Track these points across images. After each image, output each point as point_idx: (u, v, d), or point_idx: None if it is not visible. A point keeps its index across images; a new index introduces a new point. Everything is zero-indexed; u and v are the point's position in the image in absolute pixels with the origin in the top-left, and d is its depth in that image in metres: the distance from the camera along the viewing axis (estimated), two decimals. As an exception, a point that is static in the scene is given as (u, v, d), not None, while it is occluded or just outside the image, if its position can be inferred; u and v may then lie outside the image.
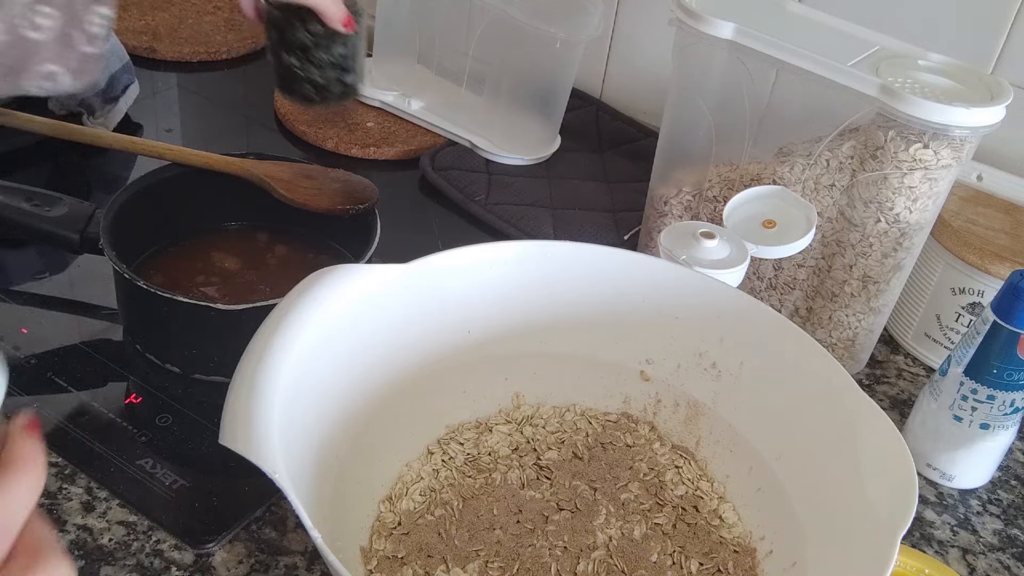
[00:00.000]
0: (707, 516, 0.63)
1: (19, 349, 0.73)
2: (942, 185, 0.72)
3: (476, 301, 0.66)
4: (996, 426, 0.70)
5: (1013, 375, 0.67)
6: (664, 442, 0.68)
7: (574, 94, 1.06)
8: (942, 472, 0.74)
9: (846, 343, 0.80)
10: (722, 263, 0.69)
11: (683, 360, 0.67)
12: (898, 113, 0.68)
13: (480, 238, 0.85)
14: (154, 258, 0.79)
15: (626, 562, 0.59)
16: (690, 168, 0.84)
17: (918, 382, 0.83)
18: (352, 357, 0.60)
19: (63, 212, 0.76)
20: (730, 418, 0.65)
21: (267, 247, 0.82)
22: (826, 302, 0.79)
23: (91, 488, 0.64)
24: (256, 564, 0.61)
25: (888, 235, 0.74)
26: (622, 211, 0.96)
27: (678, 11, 0.76)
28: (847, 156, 0.73)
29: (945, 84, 0.71)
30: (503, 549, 0.59)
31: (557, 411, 0.69)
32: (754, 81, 0.76)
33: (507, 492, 0.63)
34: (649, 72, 1.10)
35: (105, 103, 0.98)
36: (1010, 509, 0.73)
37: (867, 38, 0.75)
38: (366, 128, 1.04)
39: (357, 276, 0.59)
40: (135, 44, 1.12)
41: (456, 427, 0.67)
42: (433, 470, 0.64)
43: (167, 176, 0.80)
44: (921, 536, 0.70)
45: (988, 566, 0.68)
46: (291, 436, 0.51)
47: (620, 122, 1.11)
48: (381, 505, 0.61)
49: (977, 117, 0.67)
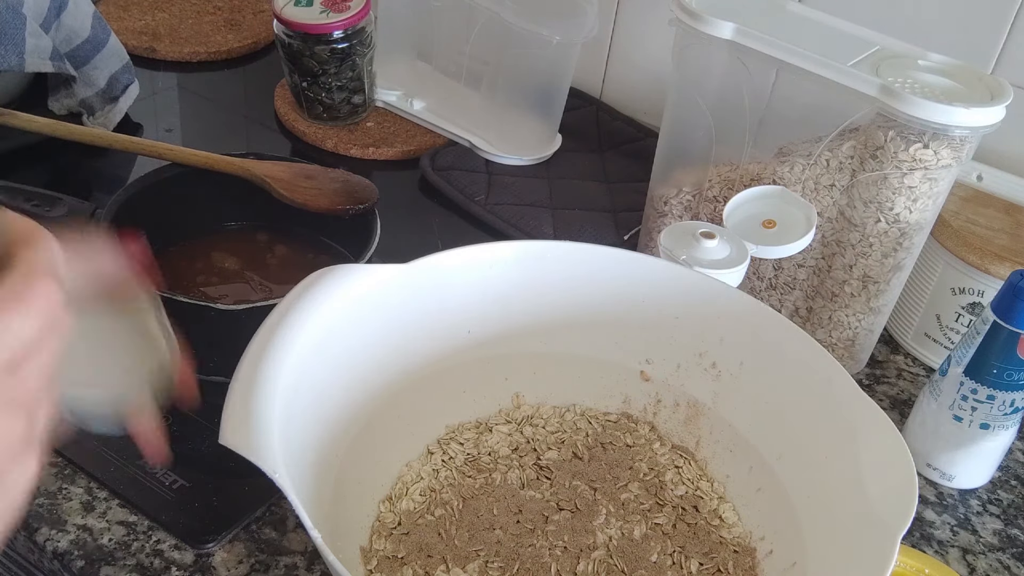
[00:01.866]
0: (707, 516, 0.63)
1: (19, 349, 0.73)
2: (942, 185, 0.72)
3: (476, 301, 0.66)
4: (996, 426, 0.70)
5: (1013, 375, 0.67)
6: (664, 442, 0.68)
7: (574, 94, 1.06)
8: (942, 472, 0.74)
9: (846, 343, 0.80)
10: (722, 263, 0.69)
11: (683, 360, 0.67)
12: (898, 113, 0.68)
13: (480, 238, 0.85)
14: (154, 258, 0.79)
15: (626, 562, 0.59)
16: (690, 168, 0.84)
17: (918, 382, 0.83)
18: (352, 357, 0.60)
19: (63, 212, 0.76)
20: (730, 418, 0.65)
21: (267, 247, 0.82)
22: (826, 302, 0.79)
23: (91, 488, 0.64)
24: (256, 564, 0.61)
25: (888, 235, 0.74)
26: (622, 211, 0.96)
27: (678, 11, 0.76)
28: (847, 156, 0.73)
29: (945, 84, 0.71)
30: (503, 549, 0.59)
31: (557, 411, 0.69)
32: (754, 81, 0.76)
33: (507, 492, 0.63)
34: (649, 72, 1.10)
35: (105, 103, 0.98)
36: (1010, 509, 0.73)
37: (867, 38, 0.75)
38: (366, 128, 1.04)
39: (357, 276, 0.59)
40: (135, 44, 1.12)
41: (456, 427, 0.67)
42: (433, 470, 0.64)
43: (167, 176, 0.80)
44: (921, 536, 0.70)
45: (988, 566, 0.68)
46: (291, 436, 0.51)
47: (620, 122, 1.11)
48: (381, 505, 0.61)
49: (977, 117, 0.67)
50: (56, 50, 0.93)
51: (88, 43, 0.97)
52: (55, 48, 0.93)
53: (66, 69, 0.94)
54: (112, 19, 1.14)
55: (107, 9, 1.18)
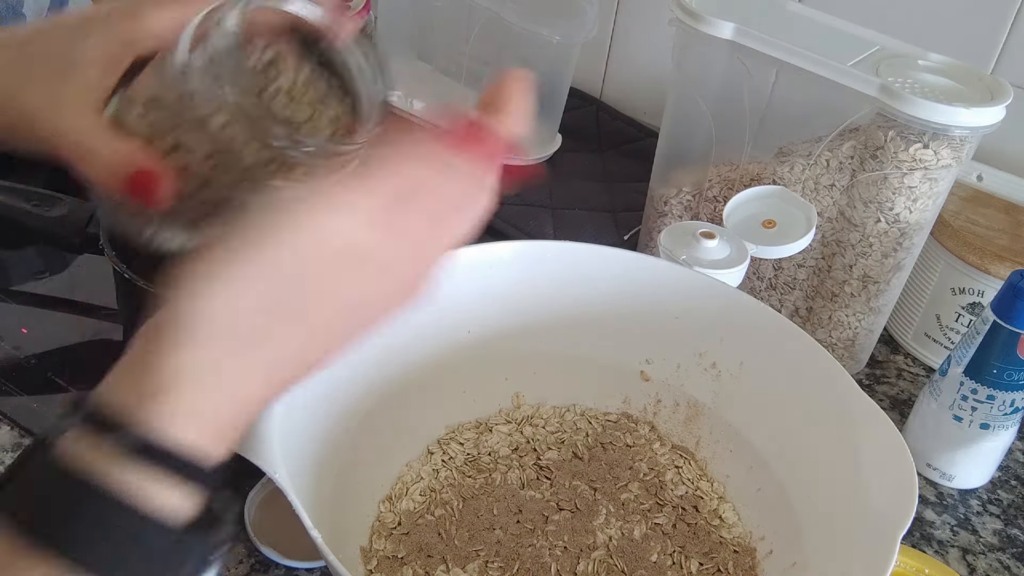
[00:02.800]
0: (707, 516, 0.63)
1: (19, 349, 0.73)
2: (942, 185, 0.72)
3: (476, 301, 0.65)
4: (996, 426, 0.70)
5: (1013, 375, 0.67)
6: (664, 442, 0.68)
7: (574, 94, 1.06)
8: (942, 472, 0.74)
9: (846, 343, 0.80)
10: (722, 263, 0.69)
11: (683, 360, 0.67)
12: (898, 113, 0.68)
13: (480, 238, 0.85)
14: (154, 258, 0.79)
15: (626, 562, 0.59)
16: (690, 168, 0.84)
17: (918, 382, 0.83)
18: (351, 357, 0.60)
19: (63, 212, 0.76)
20: (730, 418, 0.65)
21: (267, 247, 0.82)
22: (826, 302, 0.79)
23: (91, 488, 0.64)
24: (256, 564, 0.61)
25: (888, 235, 0.74)
26: (622, 211, 0.96)
27: (678, 11, 0.76)
28: (847, 156, 0.73)
29: (945, 84, 0.71)
30: (503, 549, 0.59)
31: (557, 411, 0.69)
32: (754, 81, 0.76)
33: (507, 492, 0.63)
34: (649, 72, 1.10)
35: (105, 103, 0.98)
36: (1010, 509, 0.73)
37: (867, 38, 0.75)
38: (366, 128, 1.04)
39: (357, 276, 0.59)
40: (135, 44, 1.11)
41: (456, 427, 0.67)
42: (433, 470, 0.64)
43: (167, 176, 0.80)
44: (921, 536, 0.70)
45: (988, 566, 0.68)
46: (291, 436, 0.51)
47: (620, 122, 1.11)
48: (381, 505, 0.61)
49: (977, 117, 0.67)
50: (56, 50, 0.93)
51: (88, 43, 0.97)
52: (55, 48, 0.93)
53: (66, 69, 0.94)
54: (112, 19, 1.13)
55: (107, 9, 1.18)
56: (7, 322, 0.75)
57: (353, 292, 0.37)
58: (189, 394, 0.32)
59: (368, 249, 0.36)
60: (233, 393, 0.33)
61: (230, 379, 0.33)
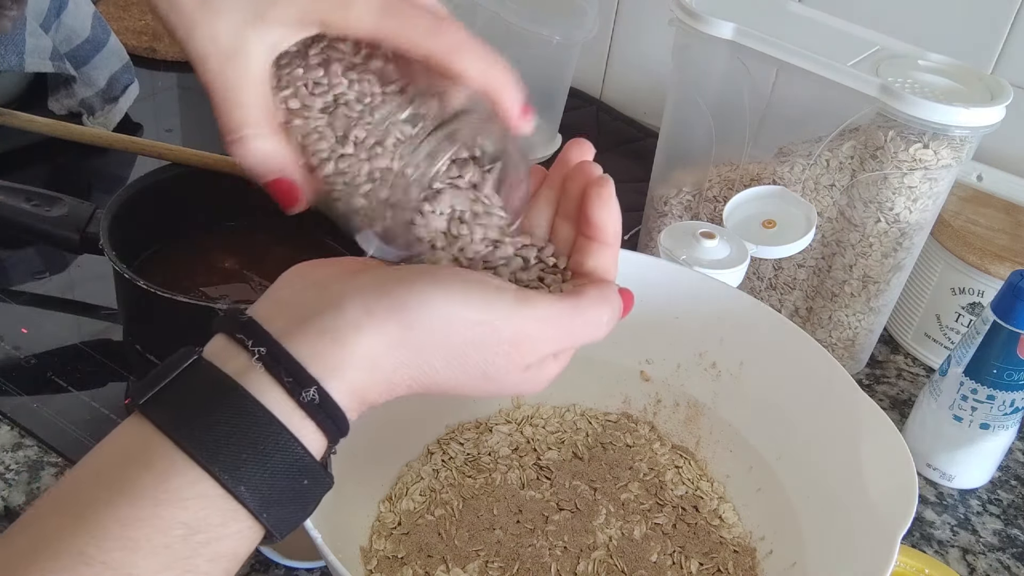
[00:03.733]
0: (707, 516, 0.63)
1: (19, 349, 0.73)
2: (942, 185, 0.72)
3: (476, 301, 0.65)
4: (996, 426, 0.70)
5: (1013, 375, 0.67)
6: (664, 442, 0.68)
7: (574, 94, 1.06)
8: (942, 472, 0.74)
9: (846, 343, 0.80)
10: (722, 263, 0.69)
11: (683, 360, 0.67)
12: (898, 113, 0.68)
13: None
14: (154, 258, 0.79)
15: (626, 562, 0.59)
16: (690, 168, 0.84)
17: (918, 382, 0.83)
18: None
19: (63, 212, 0.76)
20: (730, 418, 0.65)
21: (267, 247, 0.82)
22: (826, 302, 0.79)
23: (91, 488, 0.64)
24: (256, 564, 0.61)
25: (888, 235, 0.74)
26: (622, 211, 0.96)
27: (678, 11, 0.76)
28: (847, 156, 0.73)
29: (945, 84, 0.71)
30: (503, 549, 0.59)
31: (557, 411, 0.69)
32: (754, 81, 0.76)
33: (507, 492, 0.63)
34: (649, 72, 1.10)
35: (105, 103, 0.98)
36: (1010, 509, 0.73)
37: (867, 38, 0.75)
38: (366, 128, 1.04)
39: (357, 276, 0.59)
40: (135, 44, 1.12)
41: (456, 427, 0.67)
42: (433, 470, 0.64)
43: (167, 176, 0.80)
44: (921, 536, 0.70)
45: (988, 566, 0.68)
46: (291, 436, 0.51)
47: (620, 122, 1.11)
48: (381, 505, 0.61)
49: (977, 117, 0.67)
50: (56, 50, 0.93)
51: (88, 43, 0.97)
52: (55, 48, 0.93)
53: (66, 69, 0.94)
54: (112, 19, 1.14)
55: (107, 9, 1.18)
56: (7, 322, 0.75)
57: (479, 374, 0.42)
58: (361, 373, 0.38)
59: (504, 369, 0.41)
60: (387, 378, 0.39)
61: (384, 369, 0.39)
